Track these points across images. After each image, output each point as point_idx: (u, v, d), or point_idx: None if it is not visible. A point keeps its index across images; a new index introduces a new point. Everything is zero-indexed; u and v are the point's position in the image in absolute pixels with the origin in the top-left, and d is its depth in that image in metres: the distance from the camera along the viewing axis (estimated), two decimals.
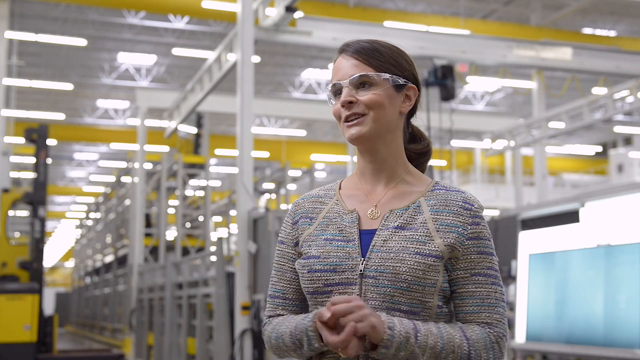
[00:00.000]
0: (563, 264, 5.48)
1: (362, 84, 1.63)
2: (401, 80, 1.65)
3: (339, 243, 1.61)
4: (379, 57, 1.64)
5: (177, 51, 19.33)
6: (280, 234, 1.76)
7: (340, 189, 1.74)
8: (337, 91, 1.67)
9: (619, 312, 4.87)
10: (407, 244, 1.57)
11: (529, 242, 5.96)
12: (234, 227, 14.21)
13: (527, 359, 6.20)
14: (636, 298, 4.74)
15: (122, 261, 16.86)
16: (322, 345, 1.55)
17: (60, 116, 23.90)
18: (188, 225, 16.87)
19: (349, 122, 1.64)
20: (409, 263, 1.54)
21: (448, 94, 10.50)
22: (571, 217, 5.49)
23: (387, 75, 1.63)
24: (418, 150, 1.77)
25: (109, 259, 18.59)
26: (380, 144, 1.65)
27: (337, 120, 1.67)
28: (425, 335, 1.50)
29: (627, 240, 4.93)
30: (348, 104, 1.63)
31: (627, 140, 27.73)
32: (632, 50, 14.57)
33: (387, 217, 1.62)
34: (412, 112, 1.73)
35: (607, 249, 5.07)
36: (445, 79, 10.42)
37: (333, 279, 1.58)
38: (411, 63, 1.70)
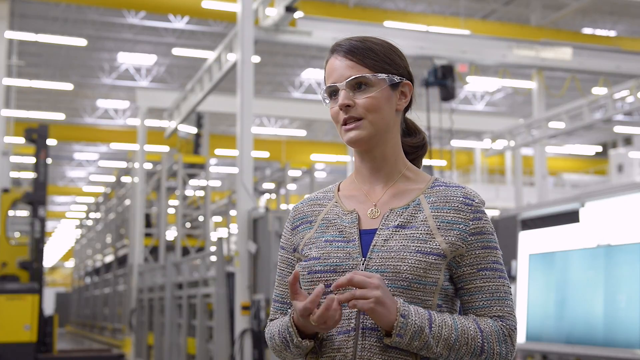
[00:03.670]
0: (563, 264, 5.48)
1: (358, 85, 1.61)
2: (397, 79, 1.63)
3: (339, 244, 1.60)
4: (374, 56, 1.62)
5: (177, 51, 19.32)
6: (281, 239, 1.76)
7: (339, 190, 1.72)
8: (332, 92, 1.64)
9: (619, 312, 4.86)
10: (408, 242, 1.55)
11: (529, 242, 5.96)
12: (234, 227, 14.20)
13: (527, 359, 6.19)
14: (636, 298, 4.73)
15: (122, 261, 16.86)
16: (300, 341, 1.55)
17: (60, 116, 23.88)
18: (188, 225, 16.87)
19: (346, 125, 1.62)
20: (410, 262, 1.53)
21: (448, 94, 10.48)
22: (571, 217, 5.49)
23: (383, 76, 1.61)
24: (413, 144, 1.75)
25: (109, 259, 18.59)
26: (379, 144, 1.64)
27: (335, 122, 1.65)
28: (440, 326, 1.50)
29: (627, 240, 4.93)
30: (345, 107, 1.60)
31: (627, 140, 27.71)
32: (632, 50, 14.57)
33: (387, 216, 1.61)
34: (407, 107, 1.71)
35: (607, 249, 5.06)
36: (445, 79, 10.40)
37: (334, 280, 1.56)
38: (404, 58, 1.68)
